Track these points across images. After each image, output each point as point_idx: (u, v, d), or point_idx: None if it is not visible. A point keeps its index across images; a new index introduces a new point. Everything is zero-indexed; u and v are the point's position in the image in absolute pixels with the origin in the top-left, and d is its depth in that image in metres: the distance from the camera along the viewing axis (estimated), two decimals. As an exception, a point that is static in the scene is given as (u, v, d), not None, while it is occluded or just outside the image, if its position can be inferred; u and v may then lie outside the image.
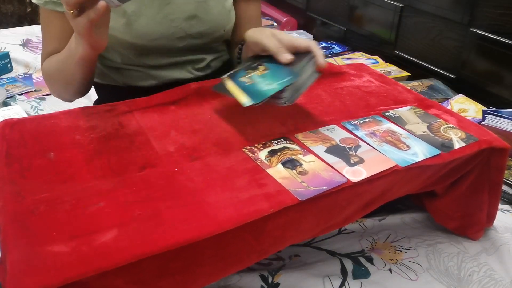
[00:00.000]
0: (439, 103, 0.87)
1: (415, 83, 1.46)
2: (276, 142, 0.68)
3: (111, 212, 0.53)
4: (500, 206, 0.88)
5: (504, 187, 1.00)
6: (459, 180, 0.78)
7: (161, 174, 0.60)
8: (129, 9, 0.78)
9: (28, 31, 1.88)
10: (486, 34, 1.33)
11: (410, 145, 0.70)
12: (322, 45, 1.87)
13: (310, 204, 0.58)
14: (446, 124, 0.78)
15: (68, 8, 0.60)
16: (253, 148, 0.66)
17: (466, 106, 1.31)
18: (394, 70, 1.59)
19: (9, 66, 1.58)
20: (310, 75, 0.69)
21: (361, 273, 0.76)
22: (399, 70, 1.60)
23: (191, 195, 0.56)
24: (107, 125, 0.70)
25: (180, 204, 0.55)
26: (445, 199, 0.81)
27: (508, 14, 1.27)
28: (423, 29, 1.53)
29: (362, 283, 0.74)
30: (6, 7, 2.46)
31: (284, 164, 0.63)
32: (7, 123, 0.68)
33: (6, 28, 1.95)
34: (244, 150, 0.66)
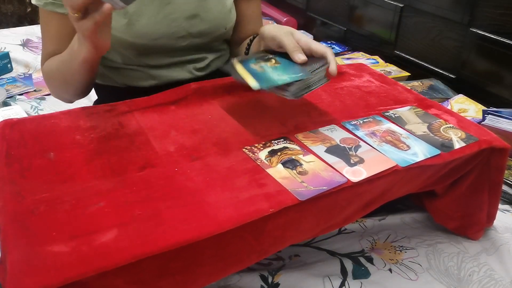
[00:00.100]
0: (439, 103, 0.87)
1: (415, 83, 1.46)
2: (276, 142, 0.68)
3: (111, 212, 0.53)
4: (500, 206, 0.88)
5: (504, 187, 1.00)
6: (459, 180, 0.78)
7: (161, 174, 0.60)
8: (130, 9, 0.78)
9: (28, 31, 1.88)
10: (486, 34, 1.33)
11: (410, 145, 0.70)
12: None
13: (310, 204, 0.58)
14: (446, 124, 0.78)
15: (72, 11, 0.60)
16: (253, 148, 0.66)
17: (466, 106, 1.31)
18: (394, 70, 1.59)
19: (9, 66, 1.58)
20: (320, 79, 0.70)
21: (361, 273, 0.76)
22: (399, 70, 1.60)
23: (191, 195, 0.56)
24: (107, 125, 0.69)
25: (180, 204, 0.55)
26: (445, 199, 0.81)
27: (508, 14, 1.27)
28: (423, 29, 1.53)
29: (362, 283, 0.74)
30: (6, 7, 2.46)
31: (284, 164, 0.63)
32: (7, 123, 0.68)
33: (6, 28, 1.95)
34: (244, 150, 0.66)
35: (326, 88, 0.87)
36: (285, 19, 2.15)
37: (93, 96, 0.96)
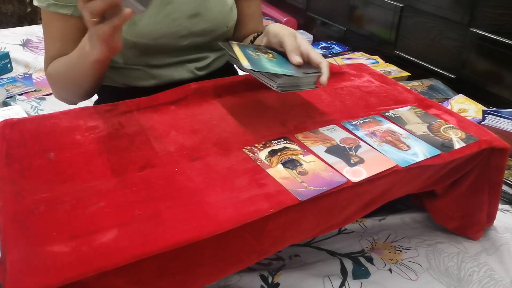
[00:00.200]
0: (439, 103, 0.87)
1: (415, 83, 1.46)
2: (276, 142, 0.68)
3: (111, 212, 0.53)
4: (500, 206, 0.88)
5: (504, 187, 1.00)
6: (459, 180, 0.78)
7: (161, 174, 0.60)
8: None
9: (28, 31, 1.88)
10: (486, 34, 1.33)
11: (410, 145, 0.70)
12: (322, 45, 1.88)
13: (310, 204, 0.58)
14: (446, 124, 0.78)
15: (90, 16, 0.60)
16: (253, 148, 0.66)
17: (466, 106, 1.31)
18: (394, 70, 1.59)
19: (9, 66, 1.58)
20: (309, 83, 0.72)
21: (361, 273, 0.76)
22: (399, 70, 1.60)
23: (191, 195, 0.56)
24: (107, 125, 0.69)
25: (180, 204, 0.55)
26: (445, 199, 0.81)
27: (508, 14, 1.27)
28: (423, 29, 1.53)
29: (362, 283, 0.74)
30: (6, 7, 2.46)
31: (284, 164, 0.63)
32: (7, 123, 0.68)
33: (6, 28, 1.95)
34: (244, 150, 0.66)
35: (326, 88, 0.87)
36: (285, 19, 2.15)
37: (93, 96, 0.96)
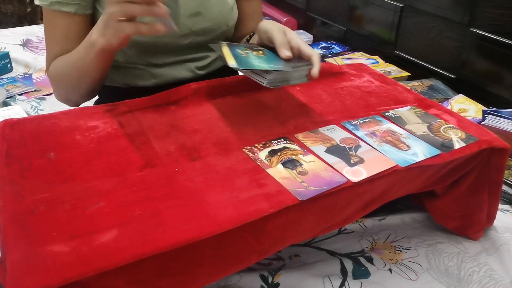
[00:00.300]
0: (439, 103, 0.87)
1: (415, 83, 1.46)
2: (276, 142, 0.68)
3: (111, 212, 0.53)
4: (500, 206, 0.88)
5: (504, 187, 1.00)
6: (459, 180, 0.78)
7: (161, 174, 0.60)
8: None
9: (28, 31, 1.88)
10: (486, 34, 1.33)
11: (410, 145, 0.70)
12: (322, 45, 1.88)
13: (310, 204, 0.58)
14: (446, 124, 0.78)
15: (121, 14, 0.60)
16: (253, 148, 0.66)
17: (466, 106, 1.31)
18: (394, 70, 1.59)
19: (9, 66, 1.58)
20: (300, 77, 0.72)
21: (361, 273, 0.76)
22: (399, 70, 1.60)
23: (191, 195, 0.56)
24: (107, 125, 0.70)
25: (180, 204, 0.55)
26: (445, 199, 0.81)
27: (508, 14, 1.27)
28: (423, 29, 1.53)
29: (362, 283, 0.74)
30: (6, 7, 2.46)
31: (284, 164, 0.63)
32: (7, 123, 0.68)
33: (6, 28, 1.95)
34: (244, 150, 0.66)
35: (326, 88, 0.87)
36: (285, 19, 2.15)
37: (94, 96, 0.96)
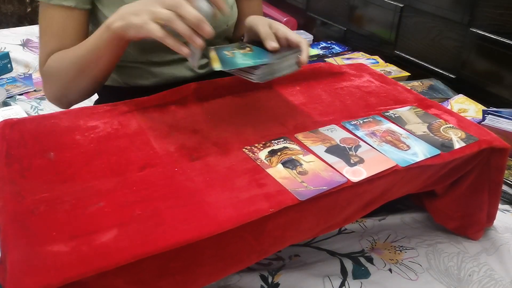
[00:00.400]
0: (439, 103, 0.87)
1: (415, 83, 1.46)
2: (276, 142, 0.68)
3: (111, 212, 0.53)
4: (500, 206, 0.88)
5: (504, 187, 1.00)
6: (459, 180, 0.78)
7: (161, 174, 0.60)
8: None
9: (28, 31, 1.88)
10: (486, 34, 1.33)
11: (410, 145, 0.70)
12: (322, 45, 1.87)
13: (310, 204, 0.58)
14: (446, 124, 0.78)
15: (161, 17, 0.60)
16: (253, 148, 0.66)
17: (466, 106, 1.31)
18: (394, 70, 1.59)
19: (9, 66, 1.58)
20: (289, 66, 0.71)
21: (361, 273, 0.76)
22: (399, 70, 1.60)
23: (191, 195, 0.56)
24: (107, 125, 0.70)
25: (180, 204, 0.55)
26: (445, 199, 0.81)
27: (508, 14, 1.27)
28: (423, 29, 1.53)
29: (362, 283, 0.74)
30: (6, 7, 2.46)
31: (284, 164, 0.63)
32: (7, 123, 0.68)
33: (6, 28, 1.95)
34: (244, 150, 0.66)
35: (326, 88, 0.87)
36: (285, 19, 2.15)
37: (93, 96, 0.96)
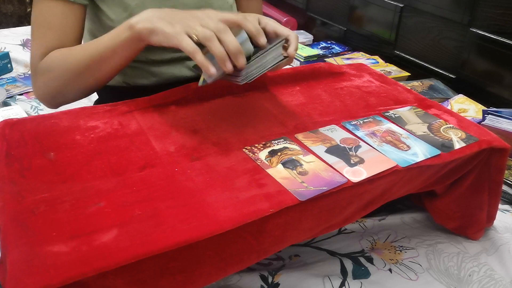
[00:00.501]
0: (439, 103, 0.87)
1: (415, 83, 1.46)
2: (276, 142, 0.68)
3: (111, 212, 0.53)
4: (500, 206, 0.88)
5: (504, 187, 1.00)
6: (459, 180, 0.78)
7: (161, 174, 0.60)
8: (132, 2, 0.78)
9: (28, 31, 1.87)
10: (486, 34, 1.33)
11: (410, 145, 0.70)
12: (322, 45, 1.88)
13: (310, 204, 0.58)
14: (446, 124, 0.78)
15: (199, 33, 0.61)
16: (253, 148, 0.66)
17: (466, 106, 1.31)
18: (394, 70, 1.59)
19: (9, 66, 1.58)
20: (274, 58, 0.69)
21: (361, 273, 0.76)
22: (399, 70, 1.60)
23: (191, 195, 0.56)
24: (107, 125, 0.70)
25: (180, 204, 0.55)
26: (445, 199, 0.81)
27: (508, 14, 1.27)
28: (423, 29, 1.53)
29: (362, 283, 0.74)
30: (6, 7, 2.46)
31: (284, 164, 0.63)
32: (7, 123, 0.68)
33: (6, 28, 1.95)
34: (244, 150, 0.66)
35: (326, 88, 0.87)
36: (285, 19, 2.15)
37: (93, 96, 0.96)
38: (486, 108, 1.27)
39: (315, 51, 1.77)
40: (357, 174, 0.62)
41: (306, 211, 0.59)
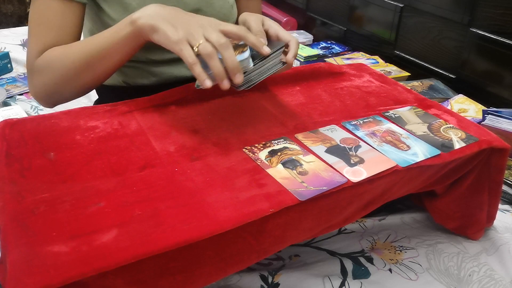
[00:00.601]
0: (439, 103, 0.87)
1: (415, 83, 1.46)
2: (276, 142, 0.68)
3: (111, 212, 0.53)
4: (500, 206, 0.88)
5: (504, 187, 1.00)
6: (459, 180, 0.78)
7: (161, 174, 0.60)
8: (133, 1, 0.78)
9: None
10: (486, 34, 1.33)
11: (410, 145, 0.70)
12: (322, 45, 1.87)
13: (310, 204, 0.58)
14: (446, 124, 0.78)
15: (199, 49, 0.62)
16: (253, 148, 0.66)
17: (466, 106, 1.31)
18: (394, 70, 1.59)
19: (9, 66, 1.58)
20: (273, 64, 0.70)
21: (361, 273, 0.76)
22: (399, 70, 1.60)
23: (191, 195, 0.56)
24: (107, 125, 0.70)
25: (180, 204, 0.55)
26: (445, 199, 0.81)
27: (508, 14, 1.27)
28: (423, 29, 1.53)
29: (362, 283, 0.74)
30: (6, 7, 2.46)
31: (284, 164, 0.63)
32: (7, 123, 0.68)
33: (6, 28, 1.95)
34: (244, 150, 0.66)
35: (326, 88, 0.87)
36: (285, 19, 2.15)
37: (93, 96, 0.96)
38: (486, 108, 1.27)
39: (315, 51, 1.77)
40: (357, 174, 0.62)
41: (306, 211, 0.59)
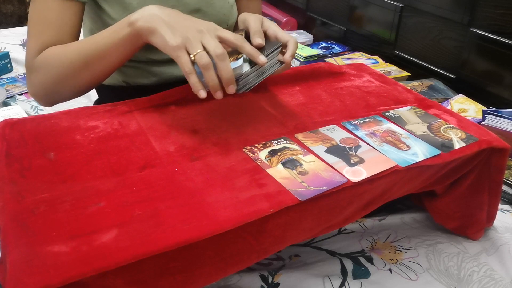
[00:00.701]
0: (439, 103, 0.87)
1: (415, 83, 1.46)
2: (276, 142, 0.68)
3: (111, 212, 0.53)
4: (500, 206, 0.88)
5: (504, 187, 1.00)
6: (459, 180, 0.78)
7: (161, 174, 0.60)
8: (134, 1, 0.78)
9: (28, 31, 1.88)
10: (486, 34, 1.33)
11: (410, 145, 0.70)
12: (322, 45, 1.88)
13: (310, 204, 0.58)
14: (446, 124, 0.78)
15: (196, 58, 0.62)
16: (253, 148, 0.66)
17: (466, 106, 1.31)
18: (394, 70, 1.59)
19: (9, 66, 1.58)
20: (271, 65, 0.70)
21: (361, 273, 0.76)
22: (399, 70, 1.60)
23: (191, 195, 0.56)
24: (107, 125, 0.70)
25: (180, 204, 0.55)
26: (445, 199, 0.81)
27: (508, 14, 1.27)
28: (423, 29, 1.53)
29: (362, 283, 0.74)
30: (6, 7, 2.46)
31: (284, 164, 0.63)
32: (7, 123, 0.68)
33: (6, 28, 1.95)
34: (244, 150, 0.66)
35: (326, 88, 0.87)
36: (285, 19, 2.15)
37: (93, 96, 0.96)
38: (486, 108, 1.27)
39: (315, 51, 1.77)
40: (357, 174, 0.62)
41: (306, 211, 0.59)
